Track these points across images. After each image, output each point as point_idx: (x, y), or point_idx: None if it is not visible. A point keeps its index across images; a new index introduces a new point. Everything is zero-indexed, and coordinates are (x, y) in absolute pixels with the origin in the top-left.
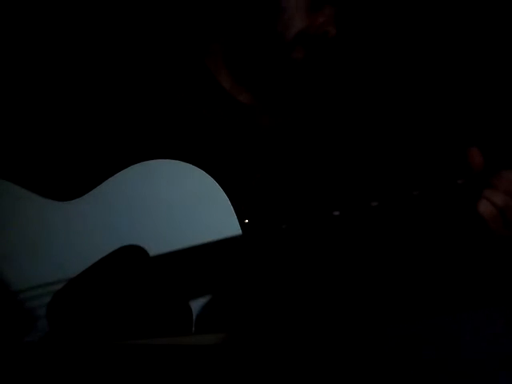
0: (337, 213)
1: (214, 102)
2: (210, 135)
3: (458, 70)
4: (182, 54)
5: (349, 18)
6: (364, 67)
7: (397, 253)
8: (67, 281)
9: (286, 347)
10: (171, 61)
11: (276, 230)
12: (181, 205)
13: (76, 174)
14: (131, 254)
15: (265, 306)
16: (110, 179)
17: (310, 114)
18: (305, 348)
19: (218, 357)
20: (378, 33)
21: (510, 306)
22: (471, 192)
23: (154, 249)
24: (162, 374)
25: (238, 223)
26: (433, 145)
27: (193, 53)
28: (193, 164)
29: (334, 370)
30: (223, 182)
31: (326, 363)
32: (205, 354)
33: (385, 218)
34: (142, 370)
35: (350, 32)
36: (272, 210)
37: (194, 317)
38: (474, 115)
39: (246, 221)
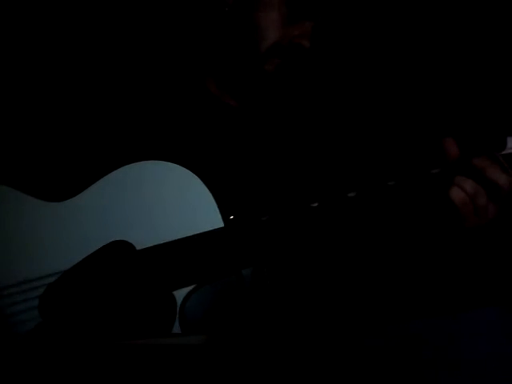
0: (315, 204)
1: (202, 104)
2: (195, 136)
3: (430, 61)
4: (173, 61)
5: (326, 33)
6: (339, 72)
7: (376, 244)
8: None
9: (279, 345)
10: (163, 66)
11: (256, 222)
12: (167, 203)
13: (67, 174)
14: (119, 248)
15: (251, 302)
16: (100, 180)
17: (287, 111)
18: (300, 348)
19: (209, 357)
20: (354, 47)
21: (508, 306)
22: (446, 181)
23: (140, 243)
24: (153, 374)
25: (221, 219)
26: (407, 134)
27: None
28: (179, 164)
29: (333, 369)
30: (208, 179)
31: (324, 363)
32: (195, 354)
33: (362, 209)
34: (135, 370)
35: (326, 46)
36: (253, 204)
37: (178, 307)
38: (448, 104)
39: (231, 217)
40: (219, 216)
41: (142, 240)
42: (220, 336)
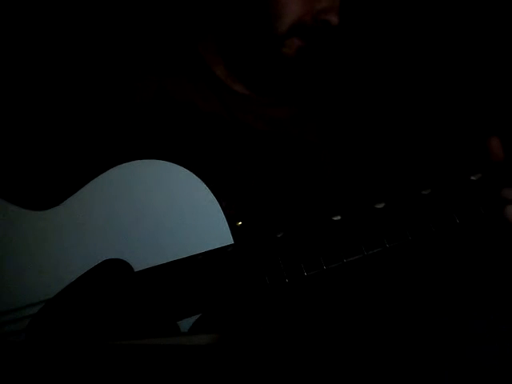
0: (337, 217)
1: (209, 92)
2: (201, 131)
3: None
4: (174, 41)
5: (359, 6)
6: (367, 60)
7: (405, 262)
8: (43, 303)
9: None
10: (163, 48)
11: (270, 239)
12: (166, 211)
13: (51, 177)
14: (113, 270)
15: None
16: (88, 184)
17: (306, 108)
18: (302, 349)
19: (213, 357)
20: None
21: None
22: (488, 189)
23: (138, 263)
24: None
25: (228, 229)
26: (442, 135)
27: (186, 40)
28: (180, 165)
29: (333, 369)
30: (213, 183)
31: (324, 363)
32: (200, 354)
33: (392, 222)
34: (137, 370)
35: (360, 22)
36: (265, 217)
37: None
38: (490, 102)
39: (239, 223)
40: (226, 226)
41: (138, 255)
42: (231, 335)
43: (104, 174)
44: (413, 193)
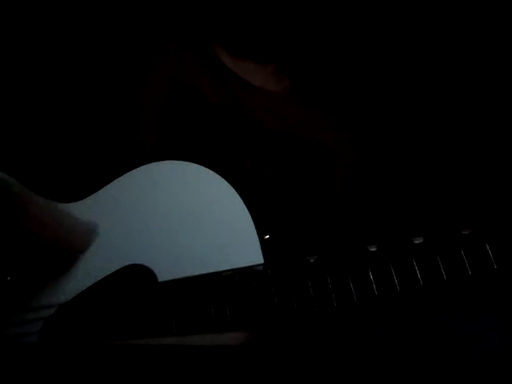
0: (373, 248)
1: (218, 83)
2: (213, 125)
3: None
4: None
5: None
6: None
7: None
8: (57, 306)
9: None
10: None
11: (302, 263)
12: (191, 215)
13: (78, 171)
14: (137, 277)
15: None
16: (108, 185)
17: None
18: (302, 349)
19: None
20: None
21: (507, 307)
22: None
23: (162, 271)
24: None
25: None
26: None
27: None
28: (205, 166)
29: (334, 370)
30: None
31: (324, 363)
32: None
33: (426, 258)
34: (144, 371)
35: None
36: (298, 239)
37: None
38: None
39: (267, 236)
40: (255, 234)
41: (161, 261)
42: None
43: (130, 173)
44: (453, 231)
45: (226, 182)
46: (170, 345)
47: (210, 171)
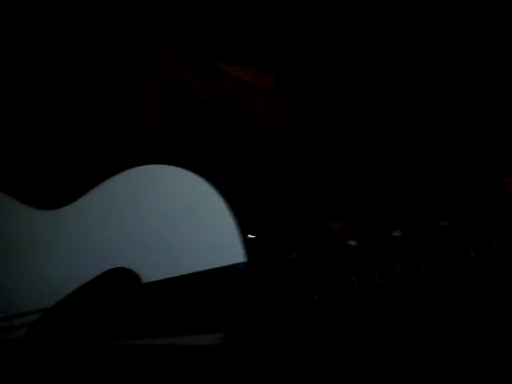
0: (353, 242)
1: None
2: (205, 125)
3: None
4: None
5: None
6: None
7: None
8: (41, 311)
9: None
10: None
11: (283, 260)
12: (174, 218)
13: (60, 176)
14: (120, 280)
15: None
16: (95, 188)
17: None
18: (302, 349)
19: (215, 357)
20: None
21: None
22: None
23: (146, 273)
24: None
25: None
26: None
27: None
28: (190, 170)
29: (334, 369)
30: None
31: (324, 363)
32: (202, 354)
33: (406, 251)
34: (140, 370)
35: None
36: (279, 235)
37: None
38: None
39: (252, 236)
40: (237, 234)
41: (145, 264)
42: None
43: (115, 176)
44: (431, 223)
45: (208, 185)
46: (155, 345)
47: (193, 174)
